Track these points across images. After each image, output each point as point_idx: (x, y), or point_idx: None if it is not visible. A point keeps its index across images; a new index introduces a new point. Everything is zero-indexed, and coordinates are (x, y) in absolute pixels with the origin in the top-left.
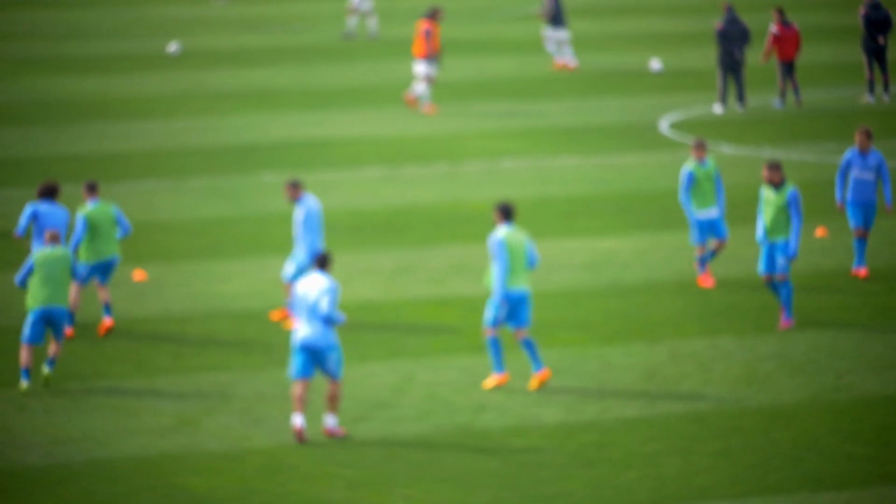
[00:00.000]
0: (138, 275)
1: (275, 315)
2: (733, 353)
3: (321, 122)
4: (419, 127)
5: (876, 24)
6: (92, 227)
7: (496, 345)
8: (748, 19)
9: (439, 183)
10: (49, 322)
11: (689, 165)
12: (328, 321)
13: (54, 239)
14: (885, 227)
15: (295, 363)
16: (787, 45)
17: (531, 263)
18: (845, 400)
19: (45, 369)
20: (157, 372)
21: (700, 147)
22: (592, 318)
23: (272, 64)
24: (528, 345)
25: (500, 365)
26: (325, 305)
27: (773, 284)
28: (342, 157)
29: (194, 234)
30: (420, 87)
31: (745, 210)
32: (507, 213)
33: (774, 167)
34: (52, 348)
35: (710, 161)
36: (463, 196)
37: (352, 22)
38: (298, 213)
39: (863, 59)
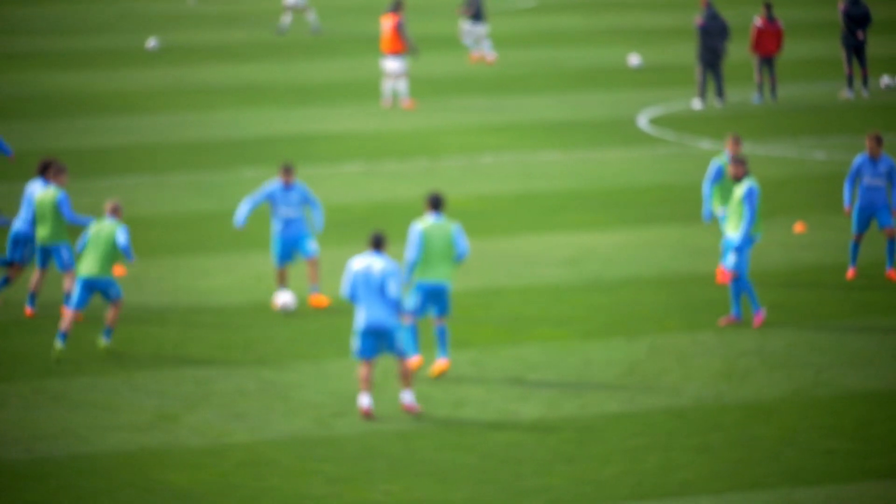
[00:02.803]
0: (117, 270)
1: (320, 301)
2: (713, 349)
3: (302, 117)
4: (399, 122)
5: (855, 20)
6: (37, 211)
7: (412, 330)
8: (727, 14)
9: (419, 178)
10: (94, 291)
11: (719, 159)
12: (397, 306)
13: (113, 212)
14: None
15: (360, 345)
16: (768, 40)
17: (459, 256)
18: (825, 395)
19: (103, 340)
20: (137, 367)
21: (737, 141)
22: (573, 313)
23: (254, 59)
24: (441, 333)
25: (414, 348)
26: (393, 289)
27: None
28: (323, 153)
29: (175, 229)
30: (400, 84)
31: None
32: (434, 203)
33: (739, 162)
34: (108, 315)
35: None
36: (443, 191)
37: (286, 19)
38: (301, 193)
39: (842, 54)
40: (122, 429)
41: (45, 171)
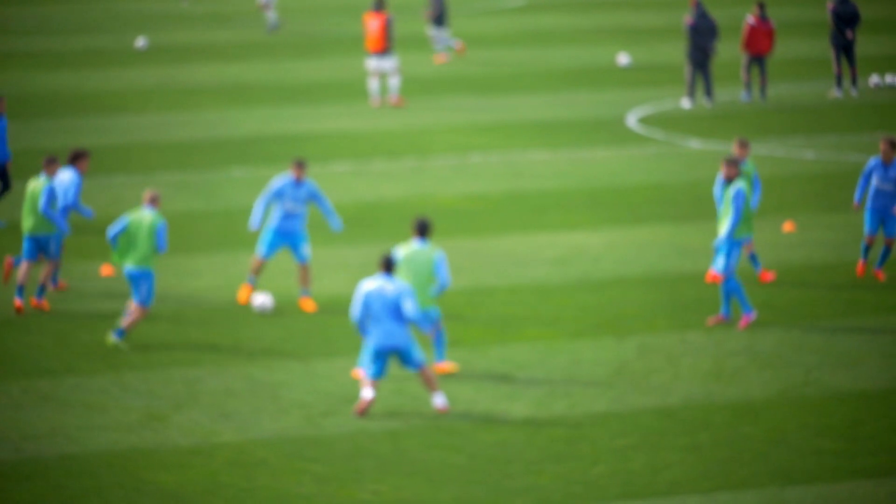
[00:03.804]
0: (106, 270)
1: (310, 306)
2: (702, 348)
3: (291, 116)
4: (388, 122)
5: (844, 19)
6: (27, 202)
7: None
8: (716, 14)
9: (408, 178)
10: (132, 282)
11: None
12: (414, 323)
13: (152, 201)
14: (855, 223)
15: (373, 367)
16: (761, 38)
17: (440, 288)
18: (814, 395)
19: (112, 337)
20: (126, 367)
21: (743, 145)
22: (562, 312)
23: (242, 59)
24: (438, 337)
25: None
26: (410, 308)
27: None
28: (312, 152)
29: None
30: (392, 81)
31: (712, 205)
32: (419, 229)
33: (731, 163)
34: (130, 315)
35: (750, 161)
36: (432, 191)
37: (272, 16)
38: (309, 190)
39: (831, 53)
40: (111, 429)
41: (76, 160)
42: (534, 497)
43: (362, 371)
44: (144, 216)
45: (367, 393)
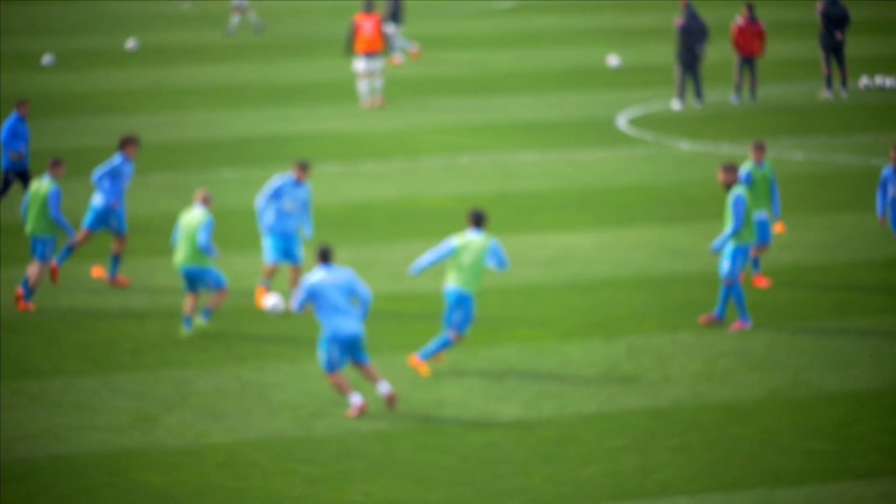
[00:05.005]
0: (96, 271)
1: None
2: (692, 349)
3: (281, 118)
4: (377, 123)
5: (833, 20)
6: (29, 202)
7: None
8: (705, 16)
9: (397, 179)
10: (189, 280)
11: (746, 166)
12: (367, 306)
13: (204, 201)
14: (844, 224)
15: (334, 357)
16: (750, 39)
17: (501, 267)
18: (804, 396)
19: (200, 319)
20: (116, 368)
21: (760, 149)
22: (552, 313)
23: (232, 60)
24: (444, 342)
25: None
26: (365, 291)
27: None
28: (301, 153)
29: (154, 230)
30: (378, 82)
31: (702, 206)
32: (474, 219)
33: (729, 169)
34: (210, 299)
35: (768, 163)
36: (421, 192)
37: (234, 20)
38: (306, 193)
39: (820, 54)
40: (101, 429)
41: (125, 146)
42: (524, 498)
43: (332, 372)
44: (194, 215)
45: (356, 399)
